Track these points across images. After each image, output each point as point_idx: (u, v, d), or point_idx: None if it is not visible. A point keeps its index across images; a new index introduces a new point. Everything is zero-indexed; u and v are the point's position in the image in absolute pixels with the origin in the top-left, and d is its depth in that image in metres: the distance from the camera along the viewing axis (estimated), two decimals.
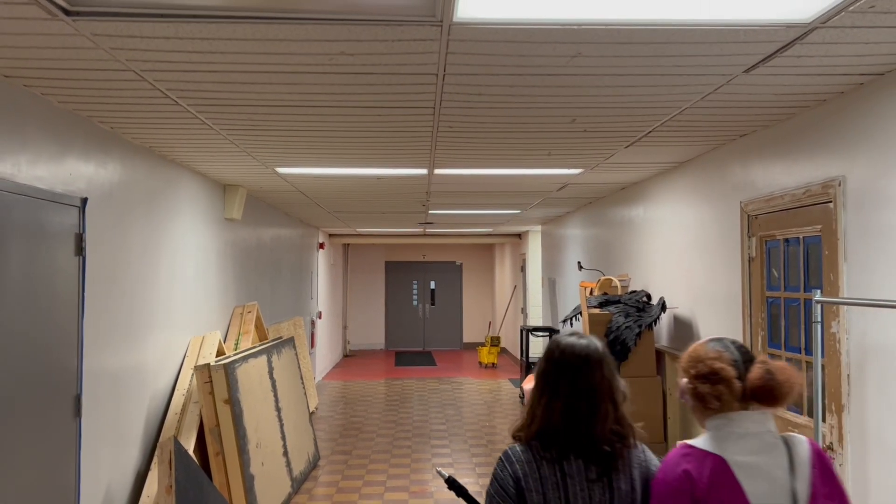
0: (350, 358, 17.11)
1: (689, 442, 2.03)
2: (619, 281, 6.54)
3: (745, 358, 2.02)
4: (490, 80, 3.25)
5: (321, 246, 13.20)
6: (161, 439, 4.91)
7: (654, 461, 2.09)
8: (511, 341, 16.22)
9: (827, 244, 3.69)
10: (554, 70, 3.08)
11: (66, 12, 2.44)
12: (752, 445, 1.94)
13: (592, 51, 2.82)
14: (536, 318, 13.08)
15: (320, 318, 13.01)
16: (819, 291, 3.24)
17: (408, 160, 5.39)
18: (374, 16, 2.47)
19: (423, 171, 5.97)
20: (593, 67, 3.05)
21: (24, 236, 3.40)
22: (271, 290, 8.88)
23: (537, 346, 12.13)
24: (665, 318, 6.06)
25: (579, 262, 8.72)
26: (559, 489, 1.98)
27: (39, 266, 3.54)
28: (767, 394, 1.94)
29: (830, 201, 3.65)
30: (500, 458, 2.07)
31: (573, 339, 2.11)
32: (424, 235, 15.03)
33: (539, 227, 13.00)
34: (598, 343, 2.13)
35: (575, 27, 2.56)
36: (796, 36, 2.68)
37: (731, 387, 1.96)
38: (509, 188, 7.20)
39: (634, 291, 6.06)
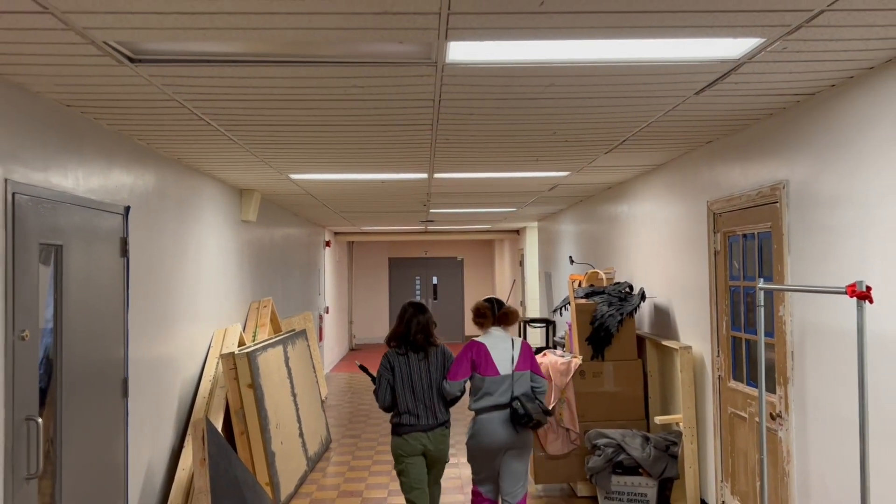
0: (356, 351, 17.68)
1: (474, 339, 4.65)
2: (605, 274, 7.10)
3: (498, 306, 4.75)
4: (479, 104, 3.81)
5: (327, 244, 13.77)
6: (193, 419, 5.48)
7: (448, 350, 4.75)
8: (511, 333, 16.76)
9: (775, 239, 4.25)
10: (532, 96, 3.64)
11: (131, 60, 3.01)
12: (495, 339, 4.68)
13: (563, 82, 3.38)
14: (534, 310, 13.64)
15: (328, 312, 13.58)
16: (762, 280, 3.79)
17: (409, 166, 5.95)
18: (381, 59, 3.03)
19: (424, 176, 6.53)
20: (566, 94, 3.61)
21: (83, 241, 3.97)
22: (283, 286, 9.46)
23: (535, 337, 12.71)
24: (647, 307, 6.63)
25: (570, 257, 9.29)
26: (406, 364, 4.62)
27: (94, 267, 4.11)
28: (503, 319, 4.75)
29: (777, 202, 4.20)
30: (384, 354, 4.68)
31: (414, 300, 4.83)
32: (426, 232, 15.59)
33: (536, 224, 13.55)
34: (422, 302, 4.80)
35: (546, 65, 3.12)
36: (730, 68, 3.24)
37: (488, 317, 4.72)
38: (504, 189, 7.76)
39: (618, 283, 6.61)
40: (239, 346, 6.35)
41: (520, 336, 12.93)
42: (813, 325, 3.88)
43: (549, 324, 11.05)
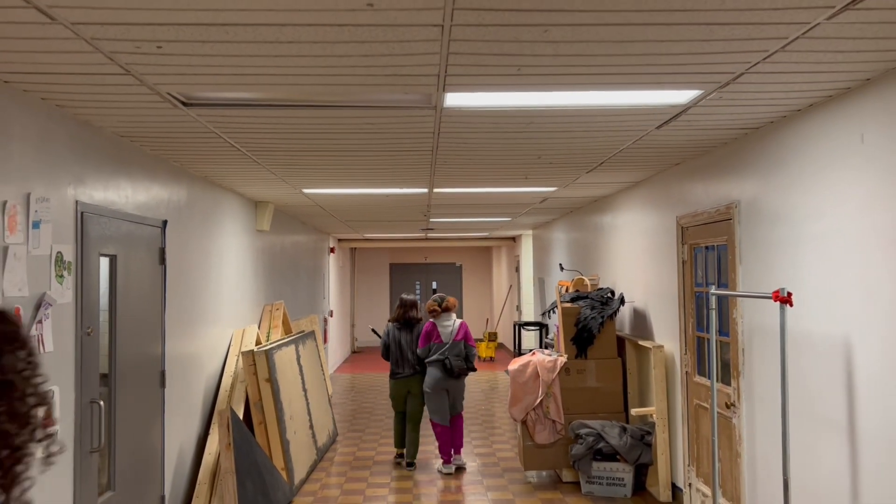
0: (358, 354, 18.31)
1: (430, 321, 7.29)
2: (590, 280, 7.74)
3: (441, 301, 7.28)
4: (471, 136, 4.47)
5: (332, 250, 14.42)
6: (217, 409, 6.11)
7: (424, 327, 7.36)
8: (507, 337, 17.41)
9: (729, 251, 4.90)
10: (517, 130, 4.29)
11: (184, 104, 3.65)
12: (441, 321, 7.25)
13: (541, 121, 4.04)
14: (529, 314, 14.28)
15: (332, 316, 14.22)
16: (713, 286, 4.44)
17: (411, 183, 6.60)
18: (391, 104, 3.68)
19: (424, 190, 7.18)
20: (545, 129, 4.26)
21: (131, 251, 4.61)
22: (292, 290, 10.10)
23: (529, 340, 13.33)
24: (627, 311, 7.27)
25: (560, 264, 9.93)
26: (398, 335, 7.36)
27: (139, 273, 4.75)
28: (446, 309, 7.27)
29: (731, 219, 4.85)
30: (387, 326, 7.51)
31: (408, 297, 7.64)
32: (426, 239, 16.24)
33: (531, 232, 14.20)
34: (414, 299, 7.61)
35: (525, 109, 3.77)
36: (681, 110, 3.89)
37: (437, 310, 7.26)
38: (498, 201, 8.41)
39: (601, 288, 7.25)
40: (256, 345, 6.99)
41: (514, 338, 13.65)
42: (759, 326, 4.52)
43: (541, 326, 11.68)
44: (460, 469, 7.24)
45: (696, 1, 2.35)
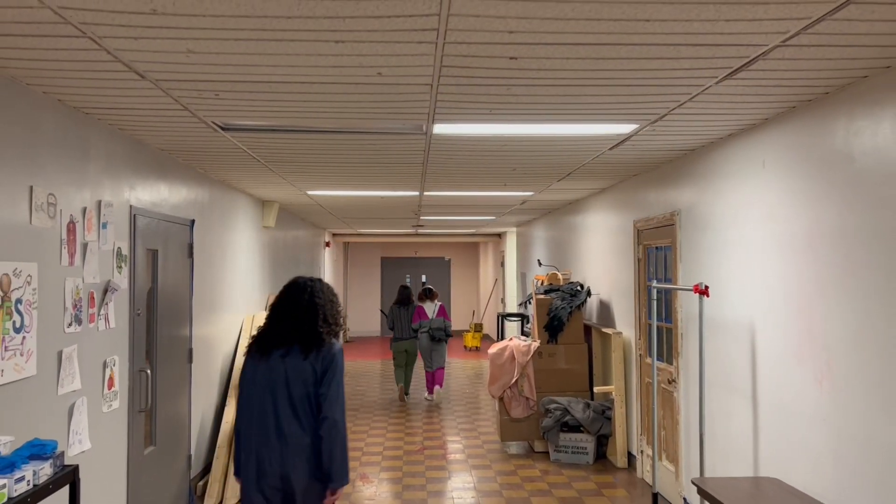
0: (350, 343, 19.19)
1: (419, 305, 10.79)
2: (563, 275, 8.64)
3: (427, 292, 10.92)
4: (456, 153, 5.35)
5: (327, 244, 15.27)
6: (232, 384, 6.98)
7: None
8: (492, 328, 18.33)
9: (673, 252, 5.81)
10: (493, 150, 5.18)
11: (222, 128, 4.52)
12: (426, 305, 10.78)
13: (512, 144, 4.93)
14: (513, 307, 15.19)
15: None
16: (654, 281, 5.33)
17: (405, 187, 7.48)
18: (390, 130, 4.56)
19: (416, 193, 8.07)
20: (517, 150, 5.15)
21: (168, 246, 5.47)
22: None
23: (511, 330, 14.24)
24: (594, 302, 8.18)
25: (539, 260, 10.84)
26: (399, 312, 10.94)
27: (173, 266, 5.61)
28: (430, 296, 10.80)
29: (674, 224, 5.76)
30: (391, 306, 11.08)
31: (404, 285, 11.26)
32: (417, 235, 17.12)
33: (515, 229, 15.10)
34: (409, 286, 11.27)
35: (499, 136, 4.66)
36: (625, 138, 4.79)
37: (423, 297, 10.84)
38: (483, 202, 9.30)
39: (572, 282, 8.16)
40: None
41: (498, 326, 14.62)
42: (693, 314, 5.43)
43: (523, 317, 12.59)
44: (437, 399, 10.82)
45: (620, 73, 3.23)
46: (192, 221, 6.06)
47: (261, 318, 8.06)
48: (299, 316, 3.50)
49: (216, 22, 2.58)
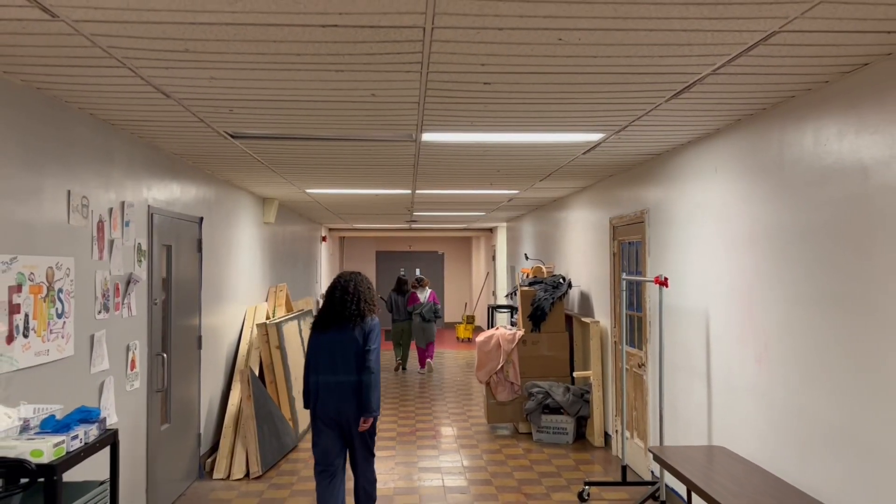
0: None
1: (412, 292, 12.76)
2: (547, 269, 9.18)
3: (420, 280, 13.24)
4: (443, 157, 5.87)
5: (324, 239, 15.78)
6: (237, 369, 7.50)
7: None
8: (484, 320, 18.86)
9: (642, 247, 6.34)
10: (477, 154, 5.71)
11: (233, 137, 5.03)
12: (419, 292, 13.03)
13: (495, 150, 5.45)
14: (503, 298, 15.72)
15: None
16: (625, 273, 5.86)
17: (398, 186, 8.00)
18: (383, 138, 5.07)
19: (408, 191, 8.58)
20: (498, 155, 5.68)
21: (180, 242, 5.98)
22: (291, 275, 11.48)
23: (501, 321, 14.77)
24: (575, 293, 8.72)
25: (525, 254, 11.37)
26: (397, 298, 13.15)
27: (184, 260, 6.12)
28: (421, 285, 12.79)
29: (643, 222, 6.29)
30: (390, 294, 13.21)
31: (401, 275, 13.35)
32: (410, 230, 17.63)
33: (505, 224, 15.63)
34: (405, 278, 13.44)
35: (481, 143, 5.19)
36: (596, 144, 5.31)
37: (416, 286, 13.20)
38: (472, 199, 9.82)
39: (555, 275, 8.70)
40: (266, 320, 8.37)
41: (488, 317, 15.17)
42: (655, 303, 5.96)
43: (512, 309, 13.12)
44: (428, 371, 12.98)
45: (580, 94, 3.75)
46: (201, 219, 6.57)
47: (262, 311, 8.61)
48: (346, 300, 4.90)
49: (237, 57, 3.09)
